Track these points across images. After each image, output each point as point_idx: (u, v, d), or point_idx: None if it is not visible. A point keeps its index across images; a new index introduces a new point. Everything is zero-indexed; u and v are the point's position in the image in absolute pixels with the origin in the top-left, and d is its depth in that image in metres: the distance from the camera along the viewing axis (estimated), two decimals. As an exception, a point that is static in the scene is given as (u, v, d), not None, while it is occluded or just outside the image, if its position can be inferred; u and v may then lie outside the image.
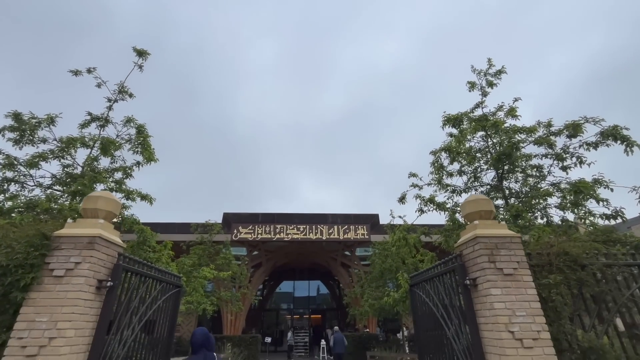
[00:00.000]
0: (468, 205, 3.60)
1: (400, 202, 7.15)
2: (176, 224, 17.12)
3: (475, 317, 3.24)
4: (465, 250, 3.52)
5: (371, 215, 17.94)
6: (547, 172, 5.80)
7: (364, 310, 11.92)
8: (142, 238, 5.81)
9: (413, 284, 4.96)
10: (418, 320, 4.82)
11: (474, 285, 3.28)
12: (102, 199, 3.37)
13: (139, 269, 3.62)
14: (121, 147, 6.00)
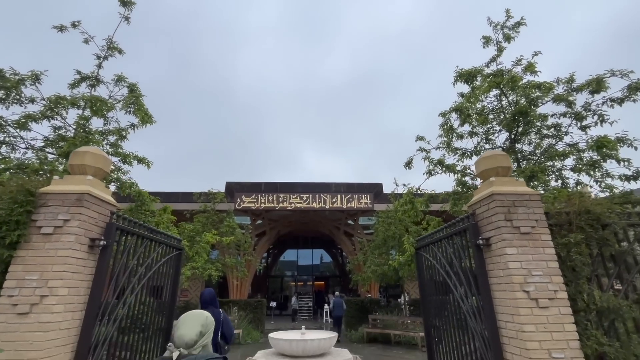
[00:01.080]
0: (484, 162, 3.34)
1: (407, 167, 6.88)
2: (179, 193, 17.10)
3: (486, 277, 3.09)
4: (478, 209, 3.30)
5: (375, 185, 17.77)
6: (565, 133, 5.45)
7: (367, 276, 12.10)
8: (139, 202, 5.66)
9: (419, 247, 4.83)
10: (423, 283, 4.74)
11: (487, 245, 3.10)
12: (89, 154, 3.14)
13: (134, 229, 3.47)
14: (113, 107, 5.68)
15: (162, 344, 4.32)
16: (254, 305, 13.67)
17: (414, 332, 10.22)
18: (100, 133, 5.68)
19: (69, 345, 2.67)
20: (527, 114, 5.11)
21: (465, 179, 5.68)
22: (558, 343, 2.57)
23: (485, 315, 2.98)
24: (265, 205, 16.76)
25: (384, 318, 11.70)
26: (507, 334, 2.81)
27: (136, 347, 3.68)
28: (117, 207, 3.32)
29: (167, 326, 4.41)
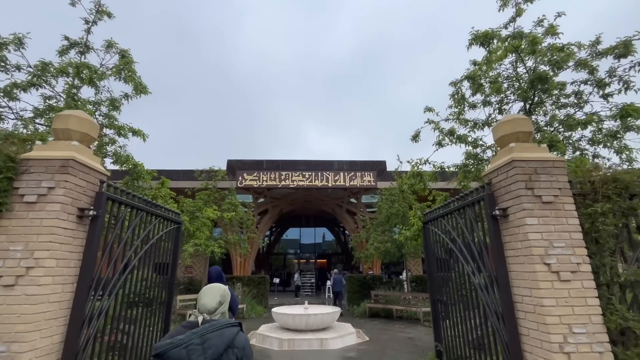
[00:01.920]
0: (503, 127, 3.06)
1: (414, 140, 6.58)
2: (180, 171, 16.92)
3: (502, 250, 2.89)
4: (495, 177, 3.06)
5: (378, 162, 17.47)
6: (585, 101, 5.09)
7: (370, 253, 12.08)
8: (135, 174, 5.46)
9: (427, 221, 4.64)
10: (430, 258, 4.59)
11: (504, 215, 2.88)
12: (73, 118, 2.89)
13: (128, 200, 3.27)
14: (105, 76, 5.35)
15: (164, 318, 4.25)
16: (257, 281, 13.82)
17: (416, 307, 10.29)
18: (92, 103, 5.39)
19: (61, 318, 2.54)
20: (547, 80, 4.74)
21: (476, 151, 5.39)
22: (579, 318, 2.41)
23: (500, 289, 2.81)
24: (268, 183, 16.58)
25: (386, 294, 11.79)
26: (523, 308, 2.65)
27: (135, 321, 3.59)
28: (107, 175, 3.11)
29: (167, 300, 4.33)
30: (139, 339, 3.64)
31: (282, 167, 17.06)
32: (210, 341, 1.50)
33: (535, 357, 2.50)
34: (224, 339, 1.53)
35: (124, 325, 3.48)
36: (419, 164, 5.69)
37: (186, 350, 1.46)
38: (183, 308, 10.21)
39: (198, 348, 1.47)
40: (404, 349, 6.73)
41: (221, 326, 1.56)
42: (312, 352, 6.46)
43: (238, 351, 1.56)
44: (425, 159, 5.68)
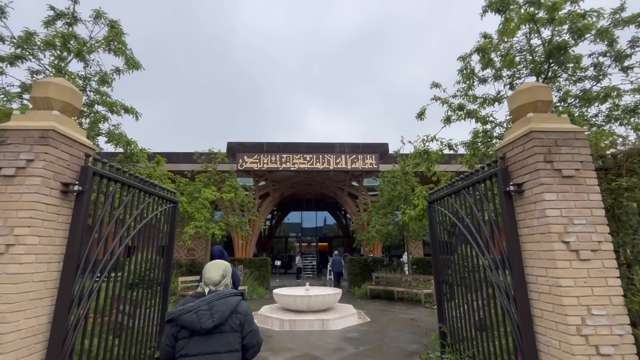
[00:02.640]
0: (520, 95, 2.81)
1: (419, 118, 6.31)
2: (180, 153, 16.68)
3: (515, 228, 2.71)
4: (510, 151, 2.84)
5: (380, 145, 17.18)
6: (604, 74, 4.79)
7: (371, 235, 12.01)
8: (128, 152, 5.24)
9: (432, 200, 4.45)
10: (435, 238, 4.44)
11: (518, 191, 2.68)
12: (53, 85, 2.66)
13: (117, 176, 3.09)
14: (93, 48, 5.05)
15: (162, 299, 4.16)
16: (259, 263, 13.86)
17: (417, 289, 10.30)
18: (82, 77, 5.12)
19: (47, 298, 2.40)
20: (566, 51, 4.43)
21: (486, 127, 5.13)
22: (599, 299, 2.25)
23: (512, 269, 2.65)
24: (268, 166, 16.37)
25: (387, 276, 11.79)
26: (537, 288, 2.49)
27: (130, 301, 3.48)
28: (94, 149, 2.91)
29: (165, 281, 4.22)
30: (136, 319, 3.54)
31: (283, 150, 16.81)
32: (217, 307, 1.71)
33: (548, 339, 2.36)
34: (229, 305, 1.74)
35: (119, 306, 3.38)
36: (425, 141, 5.45)
37: (196, 314, 1.66)
38: (185, 289, 10.25)
39: (206, 313, 1.67)
40: (405, 329, 6.71)
41: (225, 295, 1.78)
42: (313, 332, 6.44)
43: (241, 317, 1.78)
44: (432, 136, 5.43)
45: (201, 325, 1.64)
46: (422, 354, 4.90)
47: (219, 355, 1.67)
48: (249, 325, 1.79)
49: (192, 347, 1.66)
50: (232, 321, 1.73)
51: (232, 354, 1.70)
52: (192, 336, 1.67)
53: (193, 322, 1.64)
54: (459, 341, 3.70)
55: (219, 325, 1.69)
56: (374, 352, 5.20)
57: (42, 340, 2.35)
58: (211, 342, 1.67)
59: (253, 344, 1.81)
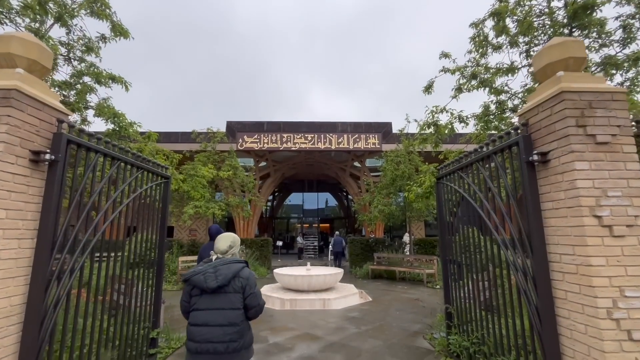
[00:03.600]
0: (549, 52, 2.46)
1: (426, 91, 5.92)
2: (178, 133, 16.33)
3: (538, 202, 2.44)
4: (534, 117, 2.52)
5: (383, 124, 16.72)
6: (631, 39, 4.37)
7: (374, 216, 11.83)
8: (116, 126, 4.93)
9: (441, 176, 4.17)
10: (443, 216, 4.19)
11: (543, 161, 2.39)
12: (16, 40, 2.33)
13: (98, 147, 2.81)
14: (74, 12, 4.64)
15: (155, 278, 3.99)
16: (260, 243, 13.80)
17: (419, 269, 10.21)
18: (65, 44, 4.74)
19: (20, 277, 2.18)
20: (593, 10, 4.00)
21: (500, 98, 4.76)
22: (633, 279, 2.00)
23: (533, 247, 2.40)
24: (269, 145, 16.03)
25: (389, 256, 11.71)
26: (561, 268, 2.25)
27: (120, 280, 3.30)
28: (68, 115, 2.62)
29: (158, 259, 4.03)
30: (129, 299, 3.37)
31: (283, 129, 16.41)
32: (220, 271, 2.03)
33: (572, 323, 2.14)
34: (231, 270, 2.05)
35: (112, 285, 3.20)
36: (434, 112, 5.09)
37: (204, 276, 2.00)
38: (185, 269, 10.22)
39: (212, 275, 2.01)
40: (408, 309, 6.61)
41: (229, 262, 2.10)
42: (314, 312, 6.35)
43: (243, 280, 2.06)
44: (442, 107, 5.07)
45: (207, 285, 1.98)
46: (426, 334, 4.77)
47: (223, 311, 2.00)
48: (250, 288, 2.07)
49: (201, 303, 2.01)
50: (234, 283, 2.04)
51: (235, 311, 2.02)
52: (202, 294, 2.02)
53: (201, 282, 2.00)
54: (467, 322, 3.53)
55: (223, 286, 2.01)
56: (376, 331, 5.08)
57: (16, 322, 2.15)
58: (217, 300, 2.01)
59: (254, 305, 2.07)
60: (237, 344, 1.99)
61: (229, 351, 1.96)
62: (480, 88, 4.85)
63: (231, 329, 1.98)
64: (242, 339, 2.02)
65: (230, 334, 1.97)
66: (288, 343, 4.56)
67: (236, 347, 1.99)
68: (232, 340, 1.97)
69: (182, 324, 5.52)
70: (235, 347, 1.98)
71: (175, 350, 4.23)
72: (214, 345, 1.94)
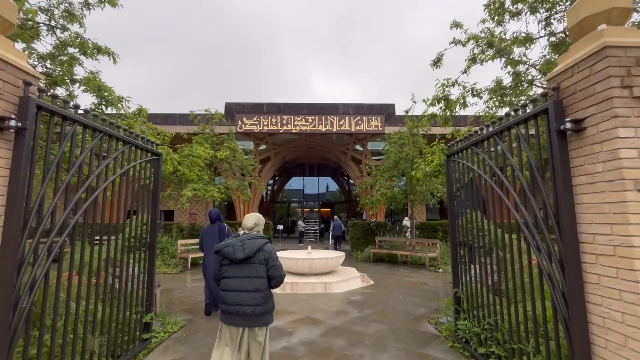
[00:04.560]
0: (588, 2, 2.12)
1: (435, 65, 5.55)
2: (176, 115, 15.94)
3: (569, 176, 2.16)
4: (568, 79, 2.21)
5: (386, 105, 16.24)
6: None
7: (376, 199, 11.61)
8: (102, 100, 4.57)
9: (452, 153, 3.88)
10: (452, 195, 3.93)
11: (577, 130, 2.10)
12: (-31, -14, 2.01)
13: (74, 115, 2.52)
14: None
15: (148, 261, 3.78)
16: (260, 227, 13.64)
17: (422, 252, 10.08)
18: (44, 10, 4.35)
19: (-13, 258, 1.95)
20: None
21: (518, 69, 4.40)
22: (681, 262, 1.75)
23: (562, 226, 2.14)
24: (269, 127, 15.65)
25: (391, 239, 11.57)
26: (594, 250, 2.00)
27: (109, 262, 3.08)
28: (38, 78, 2.31)
29: (151, 241, 3.80)
30: (116, 282, 3.16)
31: (284, 111, 15.98)
32: (246, 244, 2.33)
33: (606, 310, 1.91)
34: (256, 244, 2.35)
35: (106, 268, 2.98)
36: (445, 85, 4.74)
37: (232, 248, 2.32)
38: (185, 252, 10.10)
39: (239, 247, 2.32)
40: (411, 292, 6.46)
41: (254, 237, 2.40)
42: (315, 295, 6.21)
43: (266, 253, 2.35)
44: (454, 80, 4.71)
45: (235, 256, 2.31)
46: (431, 318, 4.61)
47: (250, 279, 2.31)
48: (272, 261, 2.37)
49: (230, 271, 2.34)
50: (259, 256, 2.34)
51: (259, 279, 2.33)
52: (231, 264, 2.35)
53: (230, 253, 2.32)
54: (477, 307, 3.33)
55: (249, 258, 2.32)
56: (379, 315, 4.93)
57: (-16, 307, 1.93)
58: (244, 269, 2.33)
59: (276, 275, 2.38)
60: (262, 307, 2.32)
61: (255, 314, 2.29)
62: (496, 59, 4.47)
63: (257, 294, 2.31)
64: (266, 304, 2.35)
65: (256, 299, 2.30)
66: (288, 327, 4.41)
67: (261, 310, 2.31)
68: (257, 304, 2.30)
69: (179, 308, 5.38)
70: (261, 310, 2.31)
71: (172, 335, 4.08)
72: (243, 308, 2.28)
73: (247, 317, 2.28)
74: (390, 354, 3.51)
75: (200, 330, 4.25)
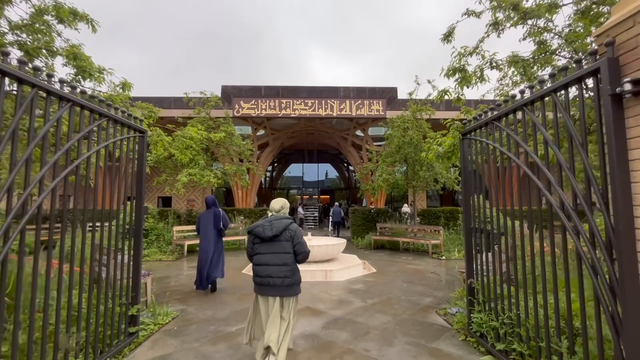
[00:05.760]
0: None
1: (446, 40, 5.10)
2: (171, 98, 15.38)
3: (624, 147, 1.81)
4: (628, 31, 1.82)
5: (389, 89, 15.72)
6: None
7: (377, 185, 11.27)
8: (76, 68, 4.10)
9: (468, 130, 3.51)
10: (468, 177, 3.58)
11: (637, 92, 1.73)
12: None
13: (32, 78, 2.13)
14: None
15: (135, 249, 3.46)
16: (258, 213, 13.40)
17: (424, 239, 9.82)
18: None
19: None
20: None
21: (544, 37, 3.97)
22: None
23: (614, 205, 1.80)
24: (267, 112, 15.16)
25: (393, 226, 11.30)
26: (655, 236, 1.67)
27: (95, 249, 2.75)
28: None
29: (137, 226, 3.47)
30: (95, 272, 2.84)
31: (282, 94, 15.44)
32: (274, 224, 2.71)
33: (669, 307, 1.59)
34: (282, 224, 2.71)
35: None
36: (462, 55, 4.30)
37: (262, 228, 2.70)
38: (181, 239, 9.82)
39: (268, 227, 2.70)
40: (415, 281, 6.21)
41: (281, 218, 2.77)
42: (316, 283, 5.95)
43: (291, 232, 2.72)
44: (472, 48, 4.27)
45: (265, 235, 2.64)
46: (440, 309, 4.34)
47: (278, 255, 2.64)
48: (297, 238, 2.68)
49: (262, 248, 2.68)
50: (285, 234, 2.66)
51: (287, 254, 2.65)
52: (262, 242, 2.68)
53: (260, 232, 2.67)
54: (495, 299, 3.03)
55: (277, 236, 2.64)
56: (383, 306, 4.66)
57: None
58: (273, 246, 2.66)
59: (301, 251, 2.68)
60: (290, 279, 2.65)
61: (284, 285, 2.62)
62: (520, 25, 4.02)
63: (285, 268, 2.64)
64: (294, 276, 2.69)
65: (285, 272, 2.63)
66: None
67: (289, 282, 2.65)
68: (286, 277, 2.63)
69: (172, 297, 5.11)
70: (289, 282, 2.65)
71: (163, 327, 3.79)
72: (273, 280, 2.61)
73: (278, 288, 2.61)
74: (398, 348, 3.24)
75: (193, 322, 3.97)
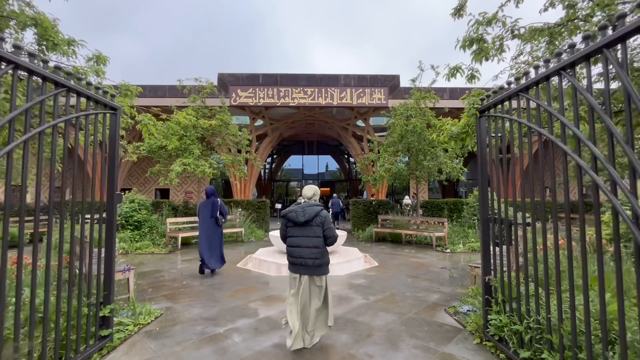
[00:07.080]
0: None
1: (456, 15, 4.62)
2: (166, 87, 14.87)
3: None
4: None
5: (391, 77, 15.18)
6: None
7: (379, 175, 10.85)
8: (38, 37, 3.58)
9: (486, 107, 3.07)
10: (485, 160, 3.15)
11: None
12: None
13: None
14: None
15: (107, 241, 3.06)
16: (257, 205, 13.02)
17: (428, 232, 9.44)
18: None
19: None
20: None
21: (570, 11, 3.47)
22: None
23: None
24: (265, 100, 14.67)
25: (395, 218, 10.92)
26: None
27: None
28: None
29: (108, 216, 3.07)
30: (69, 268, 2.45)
31: (281, 82, 14.92)
32: (306, 210, 2.95)
33: None
34: (314, 210, 2.96)
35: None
36: (481, 22, 3.81)
37: (295, 213, 2.96)
38: (176, 231, 9.46)
39: (300, 213, 2.95)
40: (420, 275, 5.83)
41: (312, 205, 3.01)
42: (314, 278, 5.57)
43: (322, 218, 2.96)
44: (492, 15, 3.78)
45: (297, 219, 2.94)
46: (449, 307, 3.96)
47: (310, 238, 2.94)
48: (327, 224, 2.98)
49: (294, 232, 2.99)
50: (316, 220, 2.95)
51: (317, 238, 2.95)
52: (295, 226, 2.99)
53: (293, 217, 2.96)
54: (518, 300, 2.63)
55: (309, 221, 2.94)
56: (387, 303, 4.28)
57: None
58: (305, 230, 2.96)
59: (330, 235, 2.98)
60: (320, 260, 2.91)
61: (315, 265, 2.89)
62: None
63: (315, 250, 2.90)
64: (323, 258, 2.94)
65: (315, 253, 2.90)
66: (283, 317, 3.76)
67: (320, 262, 2.91)
68: (316, 258, 2.89)
69: (160, 293, 4.73)
70: (319, 262, 2.90)
71: (143, 327, 3.42)
72: (305, 260, 2.89)
73: (309, 267, 2.88)
74: (404, 354, 2.86)
75: (177, 322, 3.59)
